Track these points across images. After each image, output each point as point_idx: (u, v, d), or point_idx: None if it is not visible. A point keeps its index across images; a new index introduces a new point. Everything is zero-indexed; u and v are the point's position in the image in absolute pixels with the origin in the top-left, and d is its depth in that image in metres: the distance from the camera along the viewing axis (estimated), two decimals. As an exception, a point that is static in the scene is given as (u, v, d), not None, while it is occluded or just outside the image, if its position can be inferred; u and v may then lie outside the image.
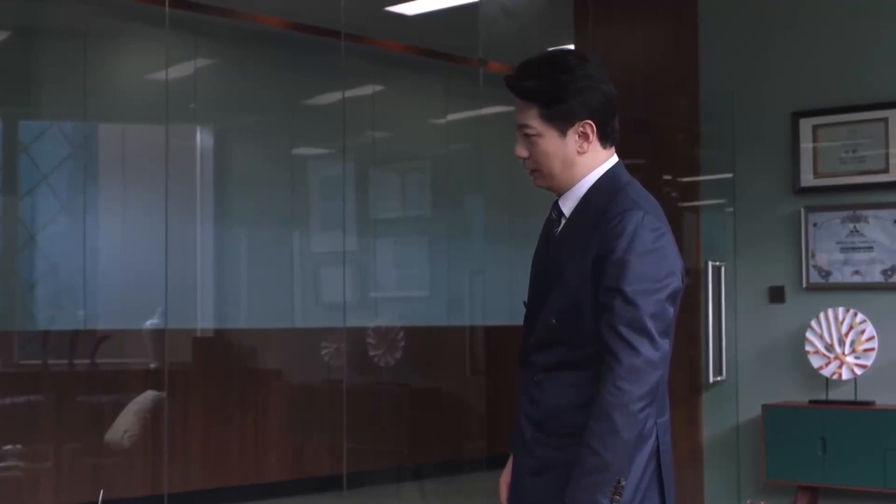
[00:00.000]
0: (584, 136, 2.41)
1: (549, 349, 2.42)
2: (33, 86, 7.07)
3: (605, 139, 2.44)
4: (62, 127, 7.18)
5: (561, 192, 2.46)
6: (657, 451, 2.38)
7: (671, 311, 2.35)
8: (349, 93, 7.53)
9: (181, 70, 7.37)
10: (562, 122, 2.39)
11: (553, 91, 2.37)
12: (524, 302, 2.52)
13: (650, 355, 2.27)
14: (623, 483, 2.27)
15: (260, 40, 7.78)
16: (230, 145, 7.85)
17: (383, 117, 8.33)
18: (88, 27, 7.12)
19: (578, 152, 2.42)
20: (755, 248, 6.06)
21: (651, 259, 2.31)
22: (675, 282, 2.35)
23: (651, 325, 2.28)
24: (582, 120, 2.39)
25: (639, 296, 2.28)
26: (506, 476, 2.58)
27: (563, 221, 2.45)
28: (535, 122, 2.40)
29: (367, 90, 8.21)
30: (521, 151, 2.45)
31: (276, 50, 7.88)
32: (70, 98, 7.13)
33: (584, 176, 2.43)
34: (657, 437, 2.38)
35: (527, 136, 2.42)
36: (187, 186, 7.44)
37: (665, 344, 2.32)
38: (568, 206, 2.45)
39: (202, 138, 7.60)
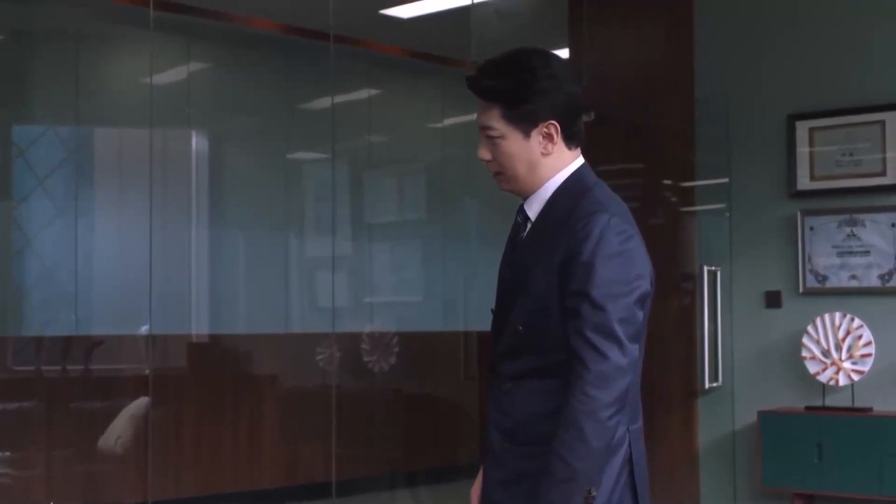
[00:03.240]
0: (549, 138, 2.35)
1: (518, 356, 2.36)
2: (27, 90, 7.04)
3: (571, 140, 2.38)
4: (58, 131, 7.14)
5: (526, 195, 2.41)
6: (630, 460, 2.33)
7: (640, 315, 2.29)
8: (345, 96, 7.50)
9: (175, 74, 7.34)
10: (525, 123, 2.33)
11: (515, 91, 2.31)
12: (492, 309, 2.47)
13: (619, 361, 2.21)
14: (594, 493, 2.22)
15: (255, 44, 7.75)
16: (225, 149, 7.82)
17: (380, 121, 8.29)
18: (82, 31, 7.10)
19: (543, 154, 2.36)
20: (751, 252, 6.00)
21: (618, 262, 2.25)
22: (644, 285, 2.29)
23: (620, 330, 2.22)
24: (546, 120, 2.33)
25: (607, 300, 2.22)
26: (476, 489, 2.54)
27: (529, 226, 2.40)
28: (497, 124, 2.34)
29: (363, 94, 8.18)
30: (484, 154, 2.39)
31: (270, 53, 7.85)
32: (64, 102, 7.11)
33: (549, 178, 2.37)
34: (629, 445, 2.32)
35: (489, 137, 2.36)
36: (182, 190, 7.41)
37: (634, 349, 2.25)
38: (534, 209, 2.39)
39: (197, 142, 7.57)
